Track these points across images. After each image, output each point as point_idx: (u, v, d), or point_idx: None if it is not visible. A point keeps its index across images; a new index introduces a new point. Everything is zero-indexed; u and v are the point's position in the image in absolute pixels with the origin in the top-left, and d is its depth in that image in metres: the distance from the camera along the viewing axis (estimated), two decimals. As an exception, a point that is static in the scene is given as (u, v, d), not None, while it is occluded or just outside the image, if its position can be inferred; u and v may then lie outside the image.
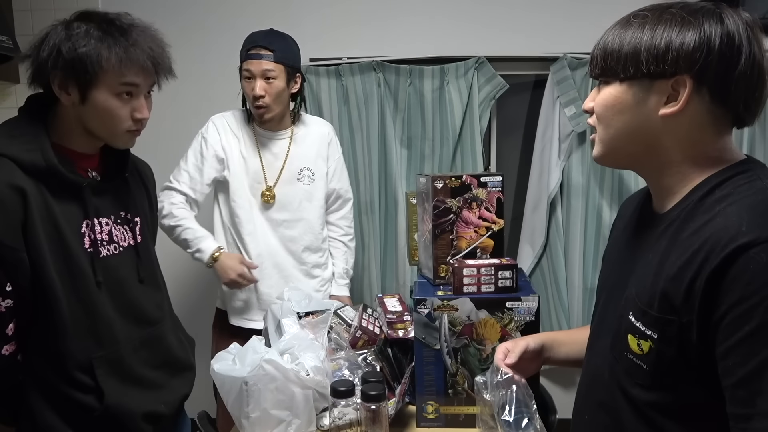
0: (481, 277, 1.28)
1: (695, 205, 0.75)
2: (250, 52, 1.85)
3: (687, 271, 0.70)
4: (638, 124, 0.78)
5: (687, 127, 0.76)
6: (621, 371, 0.81)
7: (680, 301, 0.71)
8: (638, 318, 0.77)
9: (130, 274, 1.19)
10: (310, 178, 1.99)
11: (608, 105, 0.80)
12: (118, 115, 1.10)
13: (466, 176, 1.39)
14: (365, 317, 1.54)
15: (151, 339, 1.22)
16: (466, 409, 1.30)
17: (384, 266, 2.66)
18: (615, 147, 0.82)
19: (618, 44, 0.78)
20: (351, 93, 2.56)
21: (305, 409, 1.27)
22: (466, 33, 2.58)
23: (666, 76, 0.74)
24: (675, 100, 0.74)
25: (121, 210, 1.20)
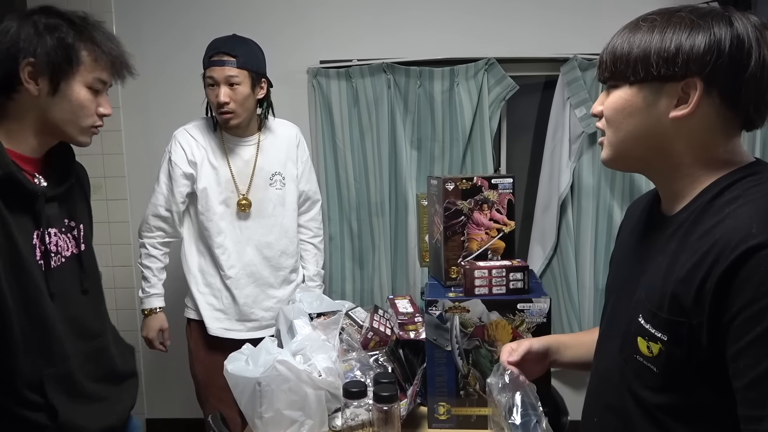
0: (493, 279, 1.28)
1: (704, 207, 0.75)
2: (212, 58, 1.82)
3: (697, 273, 0.70)
4: (648, 127, 0.78)
5: (697, 129, 0.76)
6: (630, 373, 0.81)
7: (690, 303, 0.71)
8: (648, 320, 0.77)
9: (74, 285, 1.15)
10: (281, 182, 1.97)
11: (618, 108, 0.81)
12: (89, 108, 1.09)
13: (477, 178, 1.39)
14: (376, 318, 1.55)
15: (95, 352, 1.18)
16: (477, 410, 1.30)
17: (394, 267, 2.67)
18: (624, 150, 0.83)
19: (627, 48, 0.78)
20: (361, 95, 2.57)
21: (318, 409, 1.28)
22: (476, 34, 2.58)
23: (676, 78, 0.75)
24: (685, 103, 0.75)
25: (65, 218, 1.15)
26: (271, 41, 2.61)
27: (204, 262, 1.95)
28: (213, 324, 1.94)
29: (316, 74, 2.58)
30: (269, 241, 1.96)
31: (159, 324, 1.97)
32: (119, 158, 2.72)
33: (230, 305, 1.94)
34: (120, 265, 2.73)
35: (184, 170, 1.89)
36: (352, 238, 2.68)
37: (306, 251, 2.12)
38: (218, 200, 1.90)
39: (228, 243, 1.92)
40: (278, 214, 1.97)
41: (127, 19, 2.66)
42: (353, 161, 2.62)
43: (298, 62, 2.60)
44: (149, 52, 2.67)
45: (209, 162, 1.91)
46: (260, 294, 1.97)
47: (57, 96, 1.06)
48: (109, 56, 1.09)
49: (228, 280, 1.92)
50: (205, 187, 1.89)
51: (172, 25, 2.64)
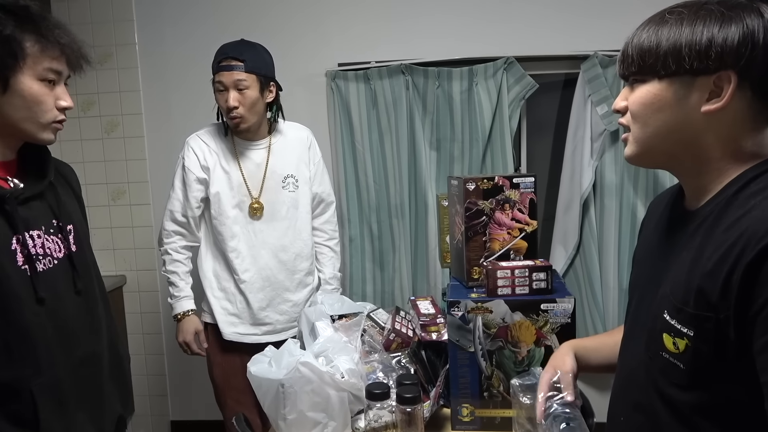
0: (516, 279, 1.27)
1: (729, 200, 0.74)
2: (221, 63, 1.83)
3: (723, 266, 0.69)
4: (678, 121, 0.77)
5: (728, 123, 0.75)
6: (656, 371, 0.80)
7: (717, 296, 0.70)
8: (673, 316, 0.76)
9: (67, 288, 1.09)
10: (294, 185, 1.97)
11: (646, 103, 0.79)
12: (45, 101, 1.03)
13: (499, 178, 1.38)
14: (398, 320, 1.55)
15: (89, 357, 1.13)
16: (501, 412, 1.29)
17: (415, 269, 2.66)
18: (651, 146, 0.81)
19: (655, 41, 0.77)
20: (380, 96, 2.57)
21: (341, 411, 1.28)
22: (494, 33, 2.56)
23: (709, 71, 0.73)
24: (717, 96, 0.74)
25: (52, 219, 1.10)
26: (289, 45, 2.64)
27: (218, 267, 1.96)
28: (227, 329, 1.95)
29: (334, 77, 2.58)
30: (284, 244, 1.96)
31: (194, 326, 1.96)
32: (142, 164, 2.76)
33: (244, 309, 1.94)
34: (144, 269, 2.78)
35: (198, 175, 1.91)
36: (372, 239, 2.68)
37: (322, 254, 2.12)
38: (231, 204, 1.91)
39: (242, 247, 1.92)
40: (292, 217, 1.97)
41: (149, 26, 2.70)
42: (372, 163, 2.62)
43: (317, 65, 2.62)
44: (171, 59, 2.71)
45: (221, 166, 1.92)
46: (275, 297, 1.97)
47: (7, 93, 0.99)
48: (58, 44, 1.01)
49: (242, 284, 1.93)
50: (217, 192, 1.90)
51: (192, 31, 2.67)
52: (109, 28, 2.70)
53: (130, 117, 2.75)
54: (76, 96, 2.74)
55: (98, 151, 2.77)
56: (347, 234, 2.67)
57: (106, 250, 2.77)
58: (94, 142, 2.77)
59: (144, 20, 2.70)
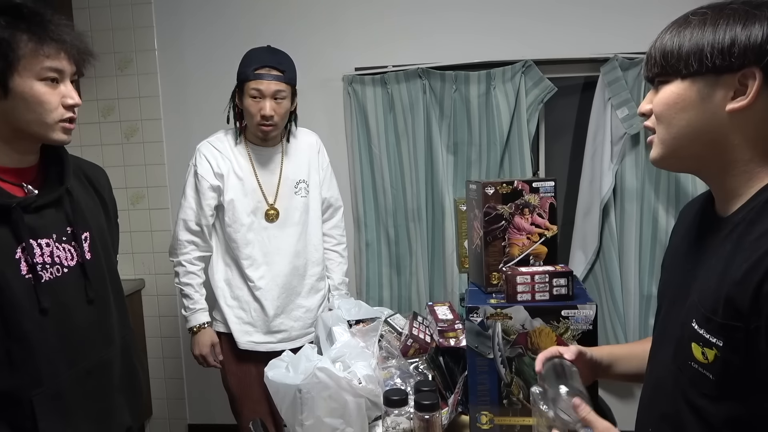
0: (536, 285, 1.25)
1: (762, 207, 0.72)
2: (258, 71, 1.81)
3: (754, 275, 0.67)
4: (703, 121, 0.75)
5: (755, 121, 0.73)
6: (685, 382, 0.78)
7: (747, 306, 0.68)
8: (702, 325, 0.74)
9: (77, 297, 1.07)
10: (306, 190, 1.97)
11: (670, 103, 0.78)
12: (48, 101, 0.99)
13: (518, 182, 1.36)
14: (416, 325, 1.54)
15: (98, 367, 1.10)
16: (521, 420, 1.26)
17: (432, 274, 2.65)
18: (677, 148, 0.79)
19: (678, 42, 0.76)
20: (397, 101, 2.56)
21: (358, 417, 1.27)
22: (512, 36, 2.55)
23: (733, 69, 0.72)
24: (743, 95, 0.72)
25: (66, 226, 1.07)
26: (306, 49, 2.65)
27: (231, 275, 1.95)
28: (242, 338, 1.94)
29: (351, 81, 2.59)
30: (298, 250, 1.96)
31: (210, 339, 1.95)
32: (161, 168, 2.79)
33: (259, 317, 1.93)
34: (162, 272, 2.80)
35: (211, 183, 1.90)
36: (389, 244, 2.67)
37: (330, 260, 2.10)
38: (246, 211, 1.91)
39: (256, 254, 1.92)
40: (304, 222, 1.97)
41: (168, 33, 2.73)
42: (389, 167, 2.61)
43: (334, 70, 2.62)
44: (189, 65, 2.73)
45: (235, 173, 1.91)
46: (289, 304, 1.96)
47: (9, 97, 0.97)
48: (54, 42, 0.98)
49: (258, 291, 1.92)
50: (232, 199, 1.90)
51: (211, 38, 2.70)
52: (130, 34, 2.73)
53: (150, 122, 2.78)
54: (96, 101, 2.81)
55: (118, 156, 2.80)
56: (364, 238, 2.67)
57: (125, 254, 2.80)
58: (114, 147, 2.80)
59: (163, 27, 2.73)
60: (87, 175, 1.18)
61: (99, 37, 2.73)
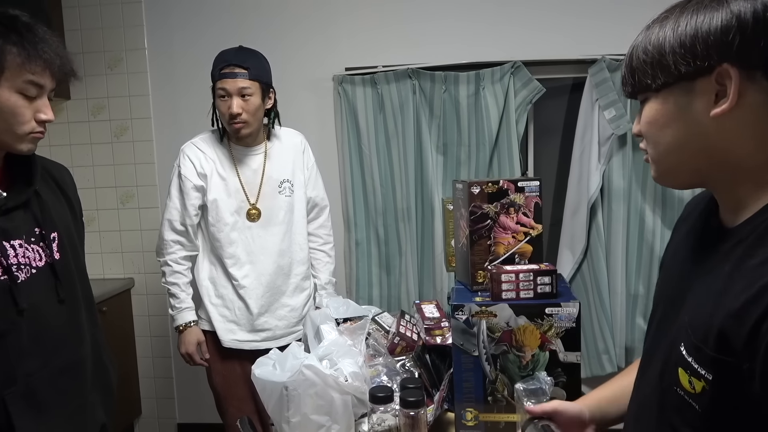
0: (520, 283, 1.27)
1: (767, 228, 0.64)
2: (223, 71, 1.83)
3: (753, 310, 0.59)
4: (690, 133, 0.68)
5: (749, 122, 0.64)
6: (671, 407, 0.71)
7: (742, 343, 0.60)
8: (690, 353, 0.67)
9: (49, 297, 1.08)
10: (290, 190, 1.98)
11: (652, 121, 0.72)
12: (22, 114, 1.01)
13: (504, 181, 1.38)
14: (403, 323, 1.55)
15: (71, 365, 1.11)
16: (506, 416, 1.28)
17: (421, 273, 2.66)
18: (671, 165, 0.73)
19: (642, 53, 0.70)
20: (386, 101, 2.58)
21: (344, 414, 1.28)
22: (501, 38, 2.57)
23: (705, 72, 0.64)
24: (725, 96, 0.64)
25: (35, 227, 1.07)
26: (297, 50, 2.66)
27: (216, 273, 1.96)
28: (226, 336, 1.95)
29: (341, 81, 2.60)
30: (282, 249, 1.97)
31: (196, 337, 1.95)
32: (151, 167, 2.79)
33: (243, 316, 1.94)
34: (152, 272, 2.79)
35: (195, 183, 1.91)
36: (379, 243, 2.68)
37: (317, 260, 2.11)
38: (229, 211, 1.92)
39: (240, 253, 1.93)
40: (289, 222, 1.98)
41: (158, 32, 2.73)
42: (379, 167, 2.63)
43: (324, 70, 2.63)
44: (179, 64, 2.73)
45: (218, 173, 1.92)
46: (274, 303, 1.97)
47: None
48: (41, 59, 0.99)
49: (242, 289, 1.93)
50: (215, 199, 1.91)
51: (201, 36, 2.70)
52: (120, 33, 2.73)
53: (140, 121, 2.77)
54: (86, 100, 2.81)
55: (107, 155, 2.80)
56: (353, 238, 2.68)
57: (114, 253, 2.79)
58: (104, 145, 2.80)
59: (153, 25, 2.73)
60: (52, 175, 1.18)
61: (89, 36, 2.73)
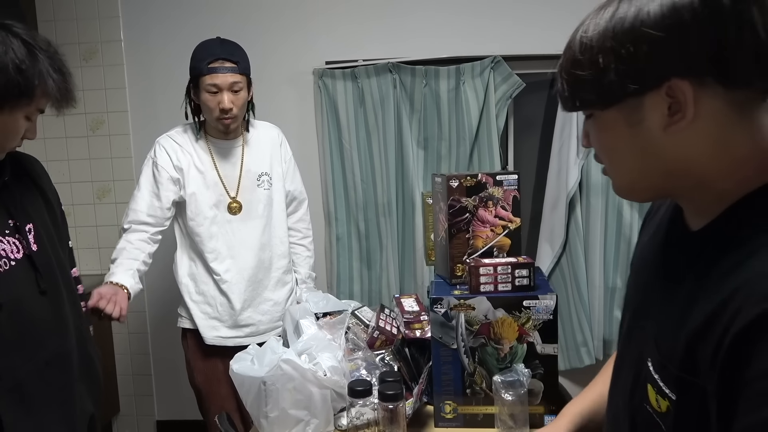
0: (498, 276, 1.27)
1: (731, 236, 0.59)
2: (212, 65, 1.78)
3: (714, 327, 0.55)
4: (643, 150, 0.61)
5: (709, 130, 0.58)
6: (641, 422, 0.67)
7: (707, 363, 0.56)
8: (657, 370, 0.64)
9: (29, 288, 1.07)
10: (268, 183, 1.96)
11: (601, 141, 0.66)
12: (18, 135, 1.06)
13: (482, 175, 1.38)
14: (383, 317, 1.54)
15: (56, 357, 1.11)
16: (484, 408, 1.29)
17: (402, 267, 2.66)
18: (629, 183, 0.67)
19: (575, 62, 0.62)
20: (367, 95, 2.57)
21: (323, 408, 1.27)
22: (481, 32, 2.57)
23: (650, 87, 0.58)
24: (679, 108, 0.57)
25: (7, 219, 1.07)
26: (277, 43, 2.63)
27: (196, 270, 1.92)
28: (209, 333, 1.91)
29: (321, 75, 2.58)
30: (263, 243, 1.95)
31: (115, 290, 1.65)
32: (128, 162, 2.74)
33: (225, 312, 1.91)
34: (129, 267, 2.75)
35: (171, 174, 1.86)
36: (360, 238, 2.67)
37: (296, 254, 2.09)
38: (208, 204, 1.88)
39: (221, 247, 1.90)
40: (268, 215, 1.96)
41: (135, 23, 2.68)
42: (360, 161, 2.62)
43: (304, 63, 2.61)
44: (157, 56, 2.69)
45: (195, 167, 1.88)
46: (256, 297, 1.94)
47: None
48: (56, 92, 1.04)
49: (224, 284, 1.89)
50: (193, 192, 1.87)
51: (178, 29, 2.66)
52: (95, 24, 2.68)
53: (116, 114, 2.73)
54: (60, 93, 2.74)
55: (83, 149, 2.75)
56: (334, 233, 2.67)
57: (90, 249, 2.75)
58: (79, 139, 2.74)
59: (130, 17, 2.68)
60: (23, 167, 1.17)
61: (63, 27, 2.67)
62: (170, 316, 2.39)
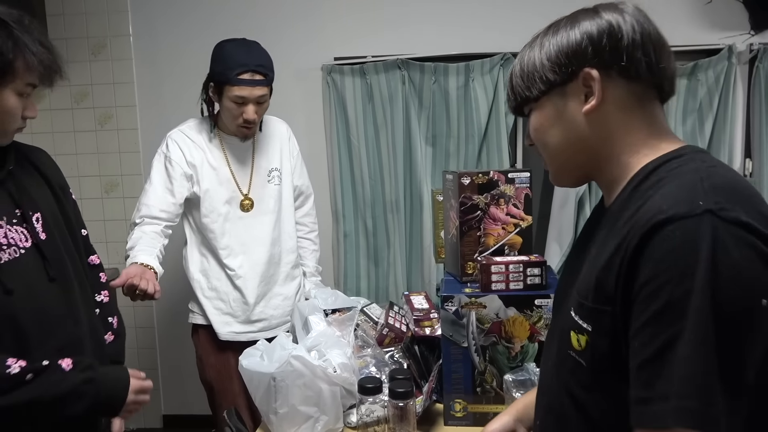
0: (510, 275, 1.26)
1: (630, 194, 0.74)
2: (241, 76, 1.72)
3: (616, 258, 0.68)
4: (569, 131, 0.79)
5: (614, 114, 0.77)
6: (566, 371, 0.77)
7: (611, 289, 0.68)
8: (577, 311, 0.75)
9: (39, 276, 1.07)
10: (278, 178, 1.95)
11: (538, 127, 0.83)
12: (16, 115, 1.05)
13: (494, 172, 1.37)
14: (392, 315, 1.54)
15: (69, 345, 1.10)
16: (494, 407, 1.28)
17: (409, 264, 2.66)
18: (561, 164, 0.84)
19: (519, 72, 0.83)
20: (375, 91, 2.56)
21: (333, 405, 1.27)
22: (491, 29, 2.55)
23: (572, 77, 0.77)
24: (592, 95, 0.76)
25: (14, 209, 1.08)
26: (285, 39, 2.62)
27: (208, 265, 1.91)
28: (222, 329, 1.90)
29: (330, 71, 2.57)
30: (274, 238, 1.94)
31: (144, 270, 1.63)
32: (136, 156, 2.74)
33: (238, 307, 1.90)
34: (137, 262, 2.75)
35: (185, 170, 1.83)
36: (367, 235, 2.67)
37: (303, 248, 2.09)
38: (221, 201, 1.87)
39: (234, 243, 1.89)
40: (278, 210, 1.95)
41: (143, 17, 2.68)
42: (368, 158, 2.61)
43: (313, 59, 2.60)
44: (165, 51, 2.69)
45: (209, 163, 1.87)
46: (268, 292, 1.94)
47: None
48: (42, 64, 1.03)
49: (238, 279, 1.89)
50: (207, 189, 1.85)
51: (186, 22, 2.65)
52: (104, 18, 2.68)
53: (124, 109, 2.73)
54: (69, 87, 2.75)
55: (91, 143, 2.75)
56: (342, 229, 2.66)
57: (98, 243, 2.70)
58: (88, 134, 2.75)
59: (138, 11, 2.68)
60: (29, 159, 1.17)
61: (72, 22, 2.67)
62: (177, 311, 2.39)
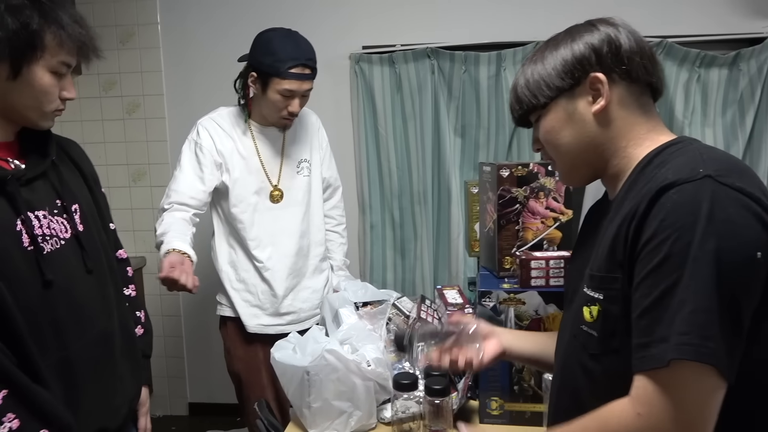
0: (550, 270, 1.23)
1: (636, 177, 0.81)
2: (292, 70, 1.70)
3: (624, 226, 0.75)
4: (580, 130, 0.86)
5: (619, 112, 0.84)
6: (579, 347, 0.83)
7: (621, 254, 0.75)
8: (588, 285, 0.81)
9: (77, 268, 1.08)
10: (308, 169, 1.92)
11: (548, 130, 0.88)
12: (52, 93, 1.03)
13: (534, 164, 1.33)
14: (423, 309, 1.51)
15: (102, 337, 1.11)
16: (532, 406, 1.25)
17: (437, 257, 2.62)
18: (572, 162, 0.89)
19: (524, 83, 0.89)
20: (404, 81, 2.52)
21: (366, 400, 1.25)
22: (524, 17, 2.49)
23: (579, 81, 0.85)
24: (600, 96, 0.84)
25: (56, 199, 1.08)
26: (313, 27, 2.58)
27: (236, 257, 1.88)
28: (251, 321, 1.88)
29: (358, 60, 2.54)
30: (302, 230, 1.92)
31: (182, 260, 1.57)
32: (163, 145, 2.75)
33: (267, 299, 1.88)
34: (163, 251, 2.76)
35: (215, 158, 1.81)
36: (394, 227, 2.64)
37: (331, 241, 2.06)
38: (251, 191, 1.85)
39: (263, 234, 1.86)
40: (307, 202, 1.93)
41: (172, 6, 2.67)
42: (396, 149, 2.57)
43: (341, 48, 2.57)
44: (193, 40, 2.68)
45: (239, 152, 1.84)
46: (296, 285, 1.92)
47: (18, 81, 1.00)
48: (76, 41, 1.02)
49: (266, 272, 1.86)
50: (237, 178, 1.83)
51: (213, 11, 2.64)
52: (132, 7, 2.67)
53: (152, 98, 2.73)
54: (98, 75, 2.75)
55: (119, 132, 2.76)
56: (368, 220, 2.64)
57: (126, 231, 2.76)
58: (115, 122, 2.75)
59: (168, 3, 2.66)
60: (65, 150, 1.18)
61: (100, 10, 2.67)
62: (203, 300, 2.40)
